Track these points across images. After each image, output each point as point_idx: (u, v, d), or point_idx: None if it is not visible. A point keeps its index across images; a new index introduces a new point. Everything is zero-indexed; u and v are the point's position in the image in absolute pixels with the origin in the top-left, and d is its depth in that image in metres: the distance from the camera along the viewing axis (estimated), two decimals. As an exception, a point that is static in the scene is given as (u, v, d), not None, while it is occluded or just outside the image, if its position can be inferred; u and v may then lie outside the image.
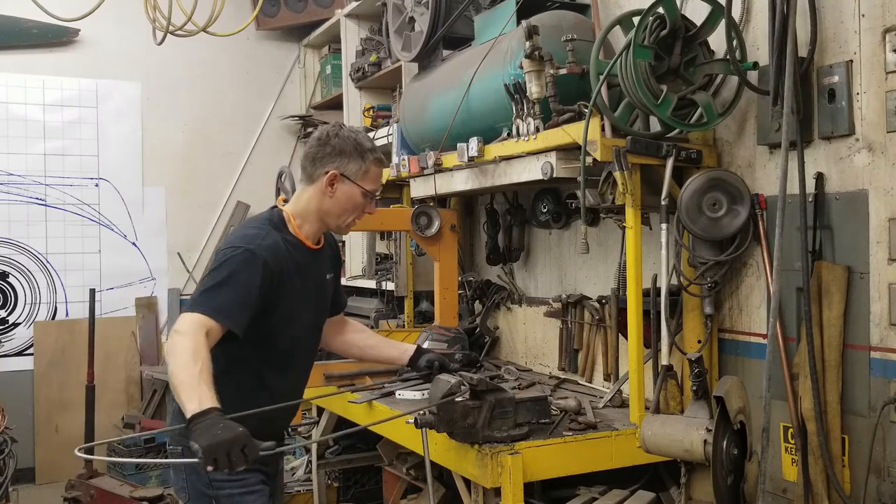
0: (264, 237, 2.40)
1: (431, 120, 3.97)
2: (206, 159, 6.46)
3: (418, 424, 2.63)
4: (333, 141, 2.47)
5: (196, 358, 2.12)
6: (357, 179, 2.48)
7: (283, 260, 2.40)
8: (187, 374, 2.09)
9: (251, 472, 2.43)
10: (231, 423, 1.98)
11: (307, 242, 2.52)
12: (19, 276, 5.90)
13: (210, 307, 2.24)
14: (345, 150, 2.46)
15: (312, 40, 6.55)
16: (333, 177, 2.45)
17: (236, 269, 2.30)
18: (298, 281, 2.46)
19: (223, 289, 2.28)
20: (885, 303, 2.52)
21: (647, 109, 2.82)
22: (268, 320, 2.39)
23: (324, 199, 2.48)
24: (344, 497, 4.66)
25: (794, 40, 2.60)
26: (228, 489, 2.40)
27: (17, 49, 5.87)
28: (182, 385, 2.08)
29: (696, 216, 2.86)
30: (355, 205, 2.51)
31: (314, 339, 2.69)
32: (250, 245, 2.34)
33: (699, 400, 2.68)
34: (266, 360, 2.47)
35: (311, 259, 2.55)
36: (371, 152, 2.50)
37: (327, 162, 2.46)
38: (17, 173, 5.89)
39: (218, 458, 1.93)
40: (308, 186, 2.51)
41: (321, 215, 2.52)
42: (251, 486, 2.44)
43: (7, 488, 4.60)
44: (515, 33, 3.42)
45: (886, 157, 2.52)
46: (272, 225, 2.47)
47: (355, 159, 2.47)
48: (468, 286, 4.47)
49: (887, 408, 2.49)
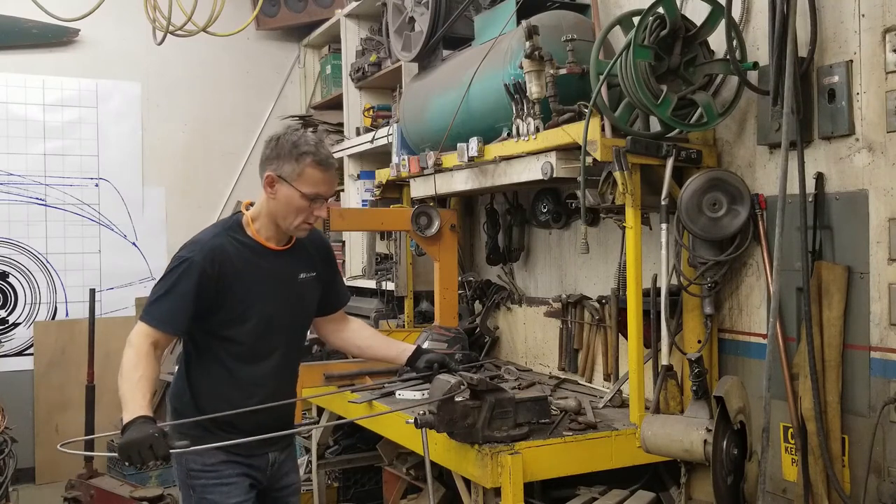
0: (208, 241, 2.55)
1: (431, 120, 3.97)
2: (206, 159, 6.46)
3: (418, 424, 2.64)
4: (274, 143, 2.56)
5: (136, 368, 2.35)
6: (292, 181, 2.52)
7: (228, 261, 2.53)
8: (128, 385, 2.33)
9: (227, 463, 2.58)
10: (146, 427, 2.20)
11: (267, 244, 2.62)
12: (19, 276, 5.90)
13: (154, 317, 2.46)
14: (281, 153, 2.53)
15: (312, 40, 6.55)
16: (270, 179, 2.54)
17: (176, 279, 2.47)
18: (250, 280, 2.57)
19: (165, 299, 2.47)
20: (885, 303, 2.52)
21: (647, 109, 2.82)
22: (216, 318, 2.55)
23: (269, 201, 2.57)
24: (344, 497, 4.66)
25: (794, 40, 2.61)
26: (203, 479, 2.57)
27: (17, 49, 5.87)
28: (123, 396, 2.33)
29: (696, 216, 2.86)
30: (297, 207, 2.54)
31: (290, 336, 2.75)
32: (191, 254, 2.50)
33: (699, 400, 2.68)
34: (230, 353, 2.60)
35: (276, 259, 2.63)
36: (308, 155, 2.51)
37: (268, 165, 2.55)
38: (17, 173, 5.89)
39: (131, 455, 2.17)
40: (262, 190, 2.60)
41: (271, 217, 2.60)
42: (225, 477, 2.57)
43: (7, 488, 4.60)
44: (515, 33, 3.42)
45: (886, 157, 2.52)
46: (226, 229, 2.61)
47: (289, 161, 2.52)
48: (468, 286, 4.47)
49: (887, 408, 2.49)
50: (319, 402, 4.07)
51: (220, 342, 2.59)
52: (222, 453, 2.55)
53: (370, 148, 5.29)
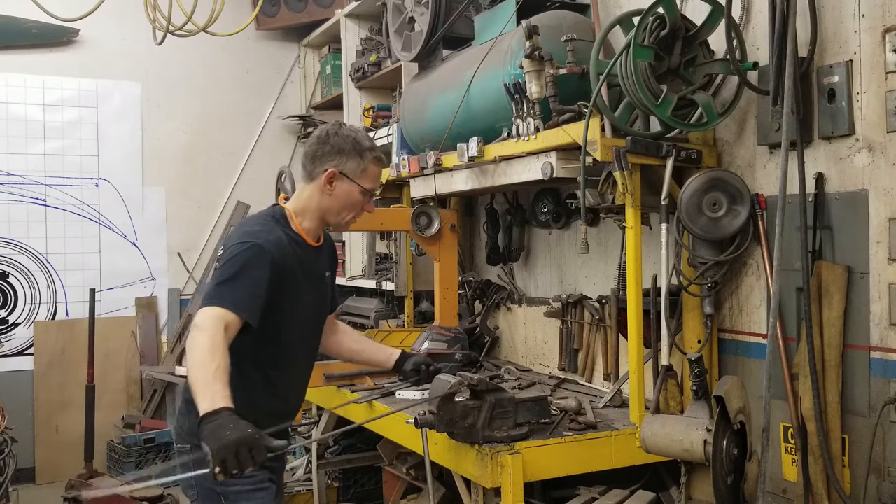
0: (269, 232, 2.43)
1: (431, 120, 3.97)
2: (206, 159, 6.46)
3: (418, 424, 2.64)
4: (333, 139, 2.51)
5: (213, 355, 2.14)
6: (355, 178, 2.51)
7: (287, 255, 2.43)
8: (203, 371, 2.12)
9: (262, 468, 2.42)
10: (241, 423, 2.01)
11: (308, 239, 2.56)
12: (19, 276, 5.90)
13: (228, 300, 2.26)
14: (344, 148, 2.50)
15: (312, 40, 6.55)
16: (332, 175, 2.49)
17: (247, 262, 2.32)
18: (301, 277, 2.49)
19: (237, 282, 2.30)
20: (885, 303, 2.52)
21: (647, 109, 2.82)
22: (274, 315, 2.41)
23: (323, 196, 2.52)
24: (344, 497, 4.66)
25: (794, 40, 2.61)
26: (238, 485, 2.40)
27: (17, 49, 5.87)
28: (196, 383, 2.12)
29: (696, 216, 2.86)
30: (354, 202, 2.55)
31: (316, 336, 2.71)
32: (258, 240, 2.37)
33: (699, 400, 2.68)
34: (271, 356, 2.49)
35: (313, 256, 2.58)
36: (370, 151, 2.53)
37: (326, 160, 2.50)
38: (17, 173, 5.89)
39: (227, 460, 1.95)
40: (308, 184, 2.54)
41: (321, 213, 2.55)
42: (259, 482, 2.45)
43: (7, 488, 4.60)
44: (515, 33, 3.42)
45: (886, 157, 2.52)
46: (275, 221, 2.51)
47: (354, 157, 2.50)
48: (468, 286, 4.47)
49: (887, 408, 2.49)
50: (319, 401, 4.07)
51: (262, 344, 2.45)
52: None
53: (370, 148, 5.28)
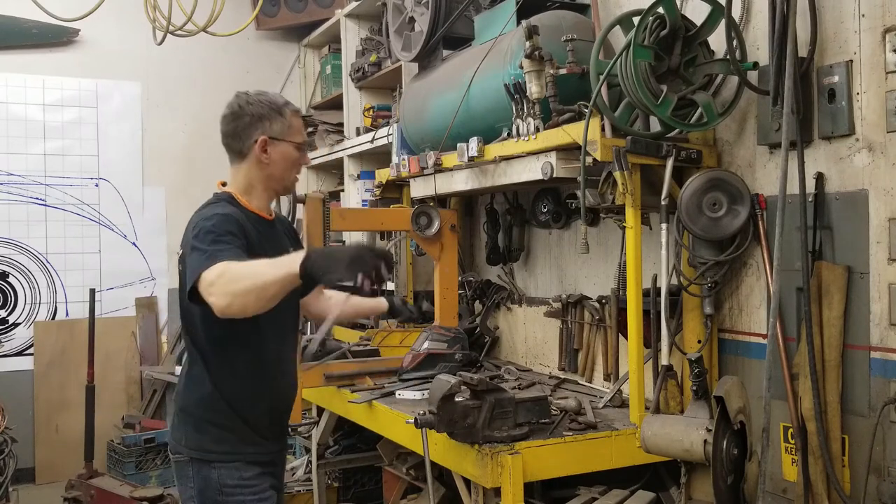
0: (224, 209, 2.38)
1: (431, 120, 3.97)
2: (206, 159, 6.43)
3: (418, 424, 2.64)
4: (248, 109, 2.45)
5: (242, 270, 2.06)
6: (285, 136, 2.47)
7: (250, 231, 2.38)
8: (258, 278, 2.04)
9: (263, 476, 2.44)
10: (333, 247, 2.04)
11: (263, 214, 2.52)
12: (19, 276, 5.90)
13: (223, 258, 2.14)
14: (262, 113, 2.45)
15: (312, 40, 6.55)
16: (264, 142, 2.44)
17: (219, 229, 2.25)
18: (264, 250, 2.39)
19: (219, 245, 2.20)
20: (885, 303, 2.52)
21: (647, 109, 2.82)
22: None
23: (262, 167, 2.47)
24: (344, 497, 4.66)
25: (794, 40, 2.61)
26: (239, 496, 2.38)
27: (17, 49, 5.87)
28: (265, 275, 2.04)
29: (696, 216, 2.86)
30: (293, 161, 2.51)
31: (293, 313, 2.63)
32: (222, 210, 2.33)
33: (699, 400, 2.68)
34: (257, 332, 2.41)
35: (272, 231, 2.55)
36: (286, 106, 2.49)
37: (251, 131, 2.45)
38: (17, 173, 5.89)
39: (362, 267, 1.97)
40: (241, 163, 2.49)
41: (267, 183, 2.51)
42: (261, 492, 2.43)
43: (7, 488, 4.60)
44: (515, 33, 3.42)
45: (886, 157, 2.52)
46: (228, 204, 2.44)
47: (276, 118, 2.46)
48: (468, 286, 4.46)
49: (887, 408, 2.49)
50: (319, 401, 4.07)
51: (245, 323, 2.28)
52: (256, 465, 2.43)
53: (370, 148, 5.29)
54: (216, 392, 2.39)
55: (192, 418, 2.42)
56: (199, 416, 2.41)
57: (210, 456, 2.38)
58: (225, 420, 2.39)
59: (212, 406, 2.40)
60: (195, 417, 2.41)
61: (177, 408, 2.50)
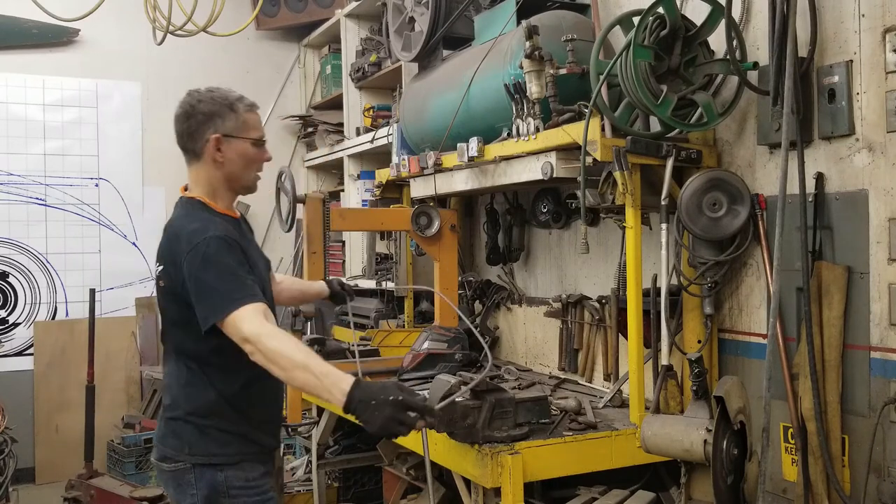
0: (209, 221, 2.34)
1: (431, 120, 3.97)
2: (206, 159, 6.45)
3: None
4: (199, 107, 2.37)
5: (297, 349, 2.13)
6: (240, 133, 2.39)
7: (236, 236, 2.37)
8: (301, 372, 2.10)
9: (266, 476, 2.44)
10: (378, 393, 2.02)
11: (233, 214, 2.48)
12: (19, 276, 5.90)
13: (248, 293, 2.21)
14: (214, 110, 2.37)
15: (312, 40, 6.55)
16: (217, 140, 2.36)
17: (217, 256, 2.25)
18: (252, 252, 2.45)
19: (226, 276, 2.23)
20: (885, 303, 2.52)
21: (647, 109, 2.82)
22: None
23: (219, 166, 2.40)
24: (344, 497, 4.66)
25: (794, 40, 2.61)
26: (244, 497, 2.37)
27: (17, 49, 5.87)
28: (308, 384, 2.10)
29: (696, 216, 2.86)
30: (251, 158, 2.43)
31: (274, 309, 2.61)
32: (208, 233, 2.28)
33: (699, 400, 2.68)
34: None
35: (244, 229, 2.53)
36: (239, 101, 2.41)
37: (204, 130, 2.37)
38: (17, 173, 5.89)
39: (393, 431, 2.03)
40: (197, 164, 2.42)
41: (228, 183, 2.44)
42: (265, 492, 2.42)
43: (7, 488, 4.60)
44: (515, 33, 3.42)
45: (886, 157, 2.52)
46: (201, 212, 2.39)
47: (228, 115, 2.38)
48: (468, 286, 4.47)
49: (887, 408, 2.49)
50: (319, 401, 4.07)
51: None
52: (260, 465, 2.42)
53: (370, 148, 5.29)
54: (220, 398, 2.36)
55: (193, 426, 2.37)
56: (204, 423, 2.36)
57: (217, 459, 2.34)
58: (230, 424, 2.37)
59: (216, 412, 2.36)
60: (198, 425, 2.36)
61: (171, 416, 2.41)
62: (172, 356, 2.44)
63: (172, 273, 2.31)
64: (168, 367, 2.48)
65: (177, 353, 2.42)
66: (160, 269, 2.37)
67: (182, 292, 2.28)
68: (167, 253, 2.34)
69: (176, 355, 2.42)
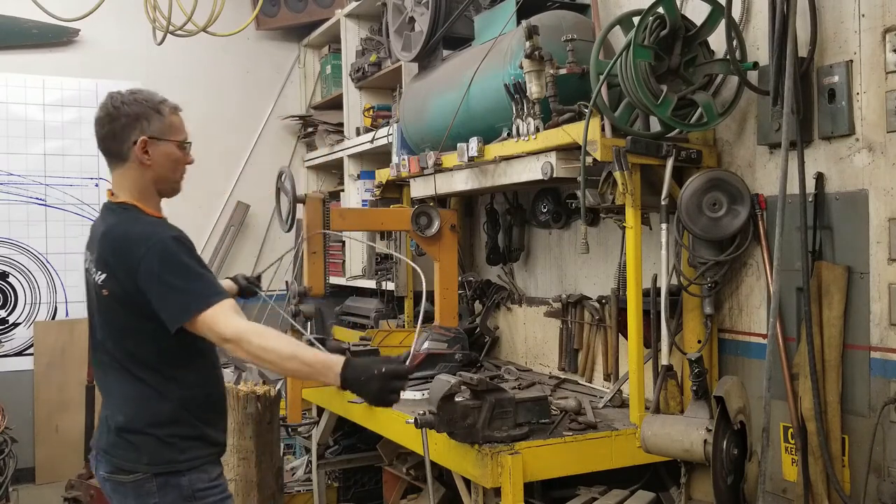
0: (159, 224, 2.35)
1: (431, 120, 3.97)
2: (206, 159, 6.40)
3: (418, 424, 2.64)
4: (123, 109, 2.34)
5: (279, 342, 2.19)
6: (166, 135, 2.38)
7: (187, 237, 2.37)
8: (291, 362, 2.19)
9: (222, 476, 2.44)
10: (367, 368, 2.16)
11: (162, 216, 2.46)
12: (19, 276, 5.90)
13: (218, 292, 2.23)
14: (139, 112, 2.34)
15: (312, 40, 6.55)
16: (144, 143, 2.34)
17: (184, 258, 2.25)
18: None
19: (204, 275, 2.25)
20: (885, 303, 2.52)
21: (647, 109, 2.82)
22: None
23: (146, 169, 2.38)
24: (344, 497, 4.66)
25: (794, 40, 2.61)
26: (212, 497, 2.36)
27: (17, 49, 5.87)
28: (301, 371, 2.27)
29: (696, 216, 2.86)
30: (176, 160, 2.43)
31: None
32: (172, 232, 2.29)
33: (699, 400, 2.68)
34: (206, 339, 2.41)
35: None
36: (163, 104, 2.39)
37: (129, 133, 2.34)
38: (17, 173, 5.89)
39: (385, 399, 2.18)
40: (123, 167, 2.39)
41: (156, 186, 2.43)
42: (225, 489, 2.43)
43: (7, 488, 4.60)
44: (515, 33, 3.42)
45: (886, 157, 2.52)
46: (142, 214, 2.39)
47: (154, 117, 2.36)
48: (468, 286, 4.47)
49: (887, 408, 2.49)
50: (319, 401, 4.07)
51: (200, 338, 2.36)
52: (218, 465, 2.42)
53: (370, 148, 5.29)
54: (178, 405, 2.33)
55: (154, 438, 2.31)
56: (164, 433, 2.31)
57: (180, 466, 2.31)
58: (189, 429, 2.34)
59: (175, 420, 2.32)
60: (159, 436, 2.31)
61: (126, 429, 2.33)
62: (115, 369, 2.36)
63: (123, 279, 2.25)
64: (109, 382, 2.40)
65: (122, 365, 2.34)
66: (103, 277, 2.30)
67: (137, 298, 2.24)
68: (113, 260, 2.29)
69: (121, 368, 2.34)
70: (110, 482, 2.37)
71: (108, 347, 2.37)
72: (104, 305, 2.34)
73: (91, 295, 2.41)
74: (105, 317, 2.36)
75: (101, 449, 2.39)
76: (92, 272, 2.36)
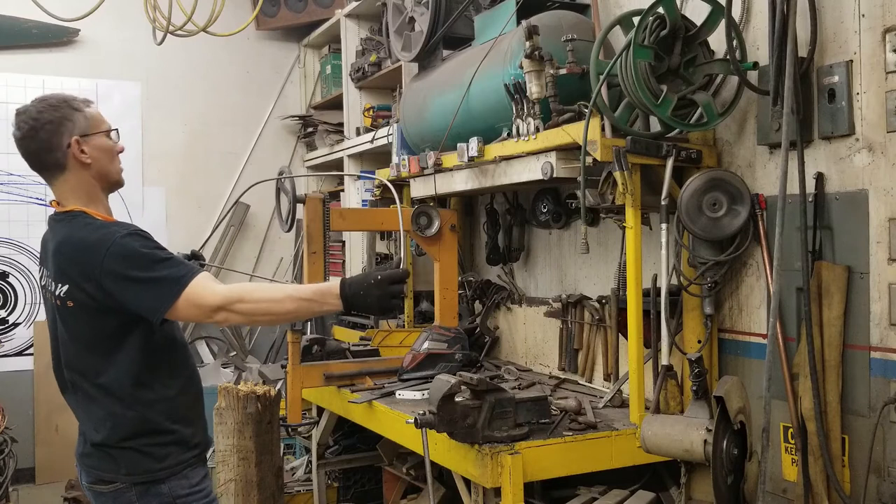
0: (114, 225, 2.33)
1: (431, 120, 3.97)
2: (206, 159, 6.46)
3: (418, 424, 2.64)
4: (44, 117, 2.32)
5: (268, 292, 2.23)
6: (93, 130, 2.35)
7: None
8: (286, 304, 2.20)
9: (206, 478, 2.43)
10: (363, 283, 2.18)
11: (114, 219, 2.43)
12: (19, 276, 5.90)
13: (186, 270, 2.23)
14: (60, 117, 2.32)
15: (312, 40, 6.55)
16: (76, 143, 2.32)
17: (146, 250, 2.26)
18: None
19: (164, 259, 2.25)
20: (885, 303, 2.52)
21: (647, 109, 2.82)
22: None
23: (86, 168, 2.35)
24: (344, 497, 4.66)
25: (794, 40, 2.61)
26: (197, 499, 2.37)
27: (17, 49, 5.87)
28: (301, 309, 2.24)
29: (696, 216, 2.86)
30: (111, 149, 2.40)
31: None
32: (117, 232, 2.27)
33: (699, 400, 2.68)
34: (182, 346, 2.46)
35: None
36: (75, 101, 2.37)
37: (58, 138, 2.31)
38: (17, 173, 5.89)
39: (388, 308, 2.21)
40: (64, 175, 2.35)
41: (102, 183, 2.40)
42: (209, 494, 2.43)
43: (7, 488, 4.60)
44: (515, 33, 3.42)
45: (886, 157, 2.52)
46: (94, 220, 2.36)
47: (75, 116, 2.33)
48: (468, 286, 4.47)
49: (887, 408, 2.49)
50: (319, 401, 4.07)
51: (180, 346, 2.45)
52: (201, 467, 2.42)
53: (370, 148, 5.29)
54: (151, 413, 2.32)
55: (131, 450, 2.31)
56: (137, 444, 2.31)
57: (159, 474, 2.31)
58: (166, 436, 2.34)
59: (151, 430, 2.32)
60: (135, 448, 2.31)
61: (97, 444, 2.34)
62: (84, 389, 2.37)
63: (87, 288, 2.23)
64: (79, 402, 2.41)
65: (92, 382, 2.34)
66: (65, 288, 2.27)
67: (108, 303, 2.22)
68: (73, 269, 2.26)
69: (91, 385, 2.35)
70: (92, 491, 2.39)
71: (75, 366, 2.36)
72: (70, 317, 2.31)
73: (52, 314, 2.38)
74: (72, 331, 2.33)
75: (82, 460, 2.41)
76: (51, 287, 2.32)
